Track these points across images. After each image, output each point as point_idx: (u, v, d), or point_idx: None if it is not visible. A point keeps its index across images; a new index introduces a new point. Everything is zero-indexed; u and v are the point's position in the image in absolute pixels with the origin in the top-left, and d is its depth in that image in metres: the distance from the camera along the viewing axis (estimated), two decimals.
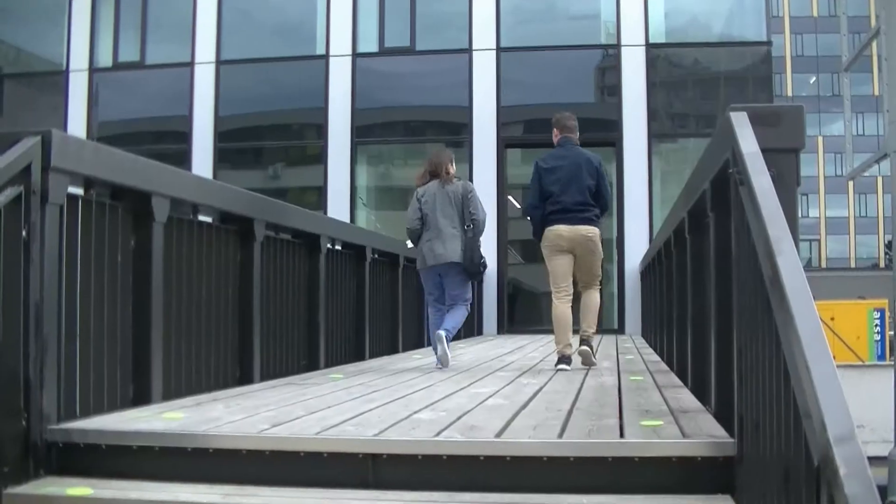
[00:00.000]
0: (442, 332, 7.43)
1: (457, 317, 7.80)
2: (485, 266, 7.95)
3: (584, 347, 7.11)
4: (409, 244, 8.49)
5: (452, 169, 7.99)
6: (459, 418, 3.99)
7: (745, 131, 3.22)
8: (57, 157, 3.85)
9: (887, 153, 10.36)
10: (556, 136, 7.49)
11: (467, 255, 7.65)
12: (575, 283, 7.42)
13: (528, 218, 7.49)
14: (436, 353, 7.45)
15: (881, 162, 11.32)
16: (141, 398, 4.72)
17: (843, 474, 1.77)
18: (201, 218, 5.74)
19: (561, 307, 7.20)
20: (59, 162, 3.87)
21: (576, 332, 7.27)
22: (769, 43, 16.65)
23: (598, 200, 7.22)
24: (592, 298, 7.39)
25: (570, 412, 4.21)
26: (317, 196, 16.52)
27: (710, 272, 4.14)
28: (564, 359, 6.99)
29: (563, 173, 7.17)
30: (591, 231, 7.19)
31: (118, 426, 3.78)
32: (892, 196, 10.56)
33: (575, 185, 7.13)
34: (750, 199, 2.91)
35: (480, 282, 12.13)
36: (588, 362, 7.06)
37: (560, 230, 7.15)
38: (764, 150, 3.10)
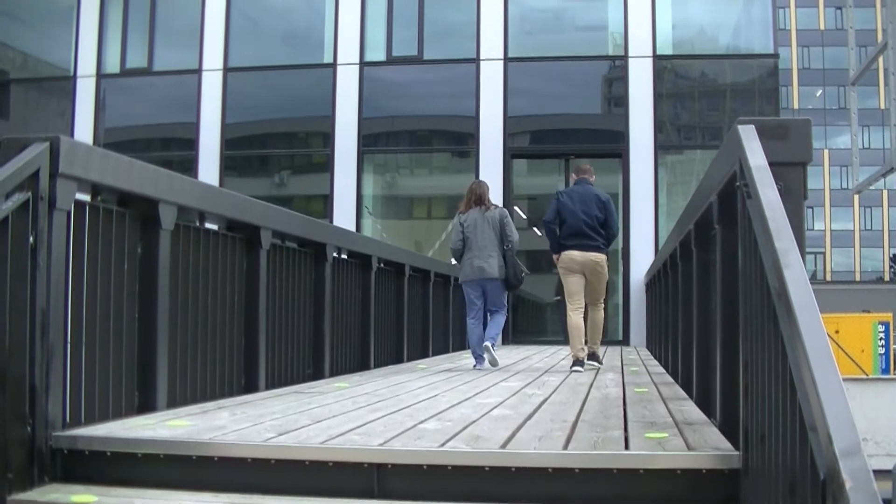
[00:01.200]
0: (489, 343, 8.70)
1: (499, 324, 9.04)
2: (522, 278, 9.22)
3: (592, 363, 8.34)
4: (454, 261, 9.73)
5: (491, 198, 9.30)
6: (465, 428, 3.99)
7: (752, 144, 3.22)
8: (65, 163, 3.85)
9: (893, 167, 10.34)
10: (573, 179, 8.98)
11: (510, 270, 8.97)
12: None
13: (545, 231, 8.69)
14: (483, 358, 8.76)
15: (887, 175, 11.32)
16: (146, 406, 4.72)
17: (850, 488, 1.77)
18: (208, 225, 5.73)
19: (575, 318, 8.37)
20: (67, 168, 3.88)
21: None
22: (776, 55, 16.65)
23: (606, 230, 8.46)
24: (597, 316, 8.60)
25: (575, 424, 4.21)
26: (323, 204, 16.53)
27: (716, 284, 4.13)
28: (578, 362, 8.15)
29: (577, 205, 8.42)
30: (600, 257, 8.43)
31: (123, 433, 3.77)
32: None
33: (586, 215, 8.37)
34: (757, 213, 2.91)
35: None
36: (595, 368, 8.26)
37: (573, 255, 8.38)
38: (771, 164, 3.10)
